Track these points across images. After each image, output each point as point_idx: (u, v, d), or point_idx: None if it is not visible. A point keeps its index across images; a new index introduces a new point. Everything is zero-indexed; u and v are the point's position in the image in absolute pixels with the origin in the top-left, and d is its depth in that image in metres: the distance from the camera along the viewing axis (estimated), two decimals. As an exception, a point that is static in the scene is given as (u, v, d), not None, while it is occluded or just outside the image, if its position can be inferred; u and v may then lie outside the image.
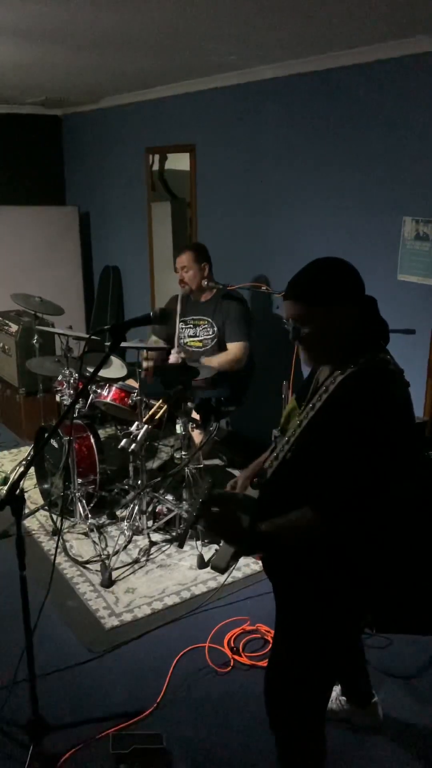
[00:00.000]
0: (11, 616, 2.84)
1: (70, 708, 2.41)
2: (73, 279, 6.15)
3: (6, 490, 2.07)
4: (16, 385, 4.75)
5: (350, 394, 1.49)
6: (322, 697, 1.77)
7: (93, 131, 6.02)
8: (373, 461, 1.43)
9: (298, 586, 1.65)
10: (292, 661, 1.71)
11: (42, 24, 2.91)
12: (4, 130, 6.09)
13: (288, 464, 1.61)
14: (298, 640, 1.69)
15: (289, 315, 1.60)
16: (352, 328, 1.56)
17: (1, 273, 5.83)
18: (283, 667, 1.74)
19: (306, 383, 1.74)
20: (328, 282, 1.56)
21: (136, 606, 2.95)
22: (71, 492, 3.54)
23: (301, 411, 1.65)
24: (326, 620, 1.64)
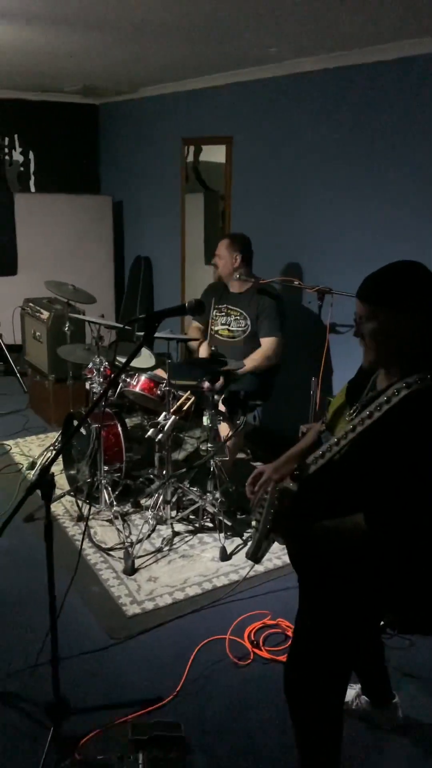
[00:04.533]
0: (35, 599, 2.89)
1: (90, 692, 2.44)
2: (104, 268, 6.19)
3: (37, 474, 2.09)
4: (46, 371, 4.80)
5: (415, 416, 1.48)
6: (340, 688, 1.78)
7: (129, 121, 6.03)
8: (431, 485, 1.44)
9: (325, 581, 1.65)
10: (312, 651, 1.71)
11: (85, 12, 2.92)
12: (42, 118, 6.14)
13: (335, 466, 1.61)
14: (319, 630, 1.70)
15: (357, 312, 1.60)
16: (417, 337, 1.54)
17: (35, 260, 5.90)
18: (304, 657, 1.75)
19: (359, 382, 1.72)
20: (397, 285, 1.54)
21: (157, 595, 2.97)
22: (97, 479, 3.58)
23: (352, 412, 1.63)
24: (348, 615, 1.65)
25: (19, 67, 4.55)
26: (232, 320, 3.88)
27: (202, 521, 3.50)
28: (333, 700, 1.76)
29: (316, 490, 1.64)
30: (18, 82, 5.41)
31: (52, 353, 4.63)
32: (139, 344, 1.99)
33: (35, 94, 6.01)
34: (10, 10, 2.92)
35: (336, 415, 1.74)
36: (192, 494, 3.45)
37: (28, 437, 4.66)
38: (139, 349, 2.01)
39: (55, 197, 5.99)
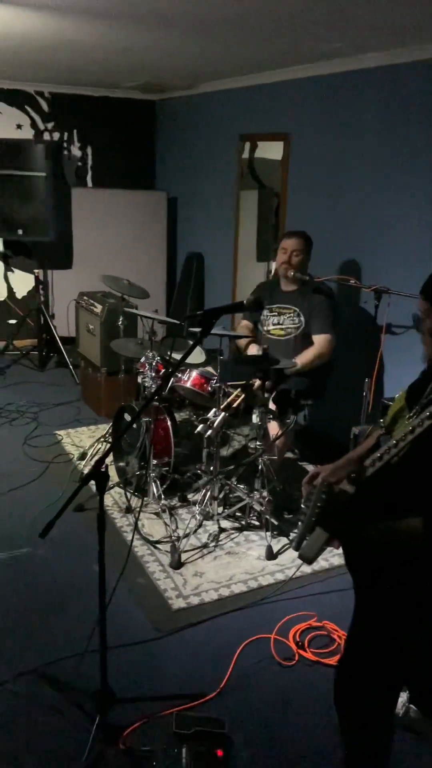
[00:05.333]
0: (83, 588, 2.95)
1: (135, 683, 2.46)
2: (157, 263, 6.24)
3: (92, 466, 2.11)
4: (98, 364, 4.87)
5: None
6: (392, 696, 1.75)
7: (186, 117, 6.05)
8: None
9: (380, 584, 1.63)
10: (365, 657, 1.69)
11: (151, 8, 2.94)
12: (101, 114, 6.22)
13: (392, 469, 1.58)
14: (372, 636, 1.67)
15: (420, 308, 1.63)
16: None
17: (90, 254, 5.99)
18: (356, 663, 1.72)
19: (420, 385, 1.69)
20: None
21: (203, 590, 2.98)
22: (146, 472, 3.61)
23: (411, 415, 1.60)
24: (403, 620, 1.62)
25: (81, 63, 4.62)
26: (285, 318, 3.86)
27: (248, 519, 3.49)
28: (384, 709, 1.73)
29: (373, 493, 1.61)
30: (79, 78, 5.49)
31: (105, 346, 4.69)
32: (197, 340, 2.00)
33: (95, 90, 6.09)
34: (75, 6, 2.97)
35: (395, 418, 1.70)
36: (239, 492, 3.45)
37: (80, 428, 4.74)
38: (197, 345, 2.01)
39: (111, 192, 6.06)
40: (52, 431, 4.65)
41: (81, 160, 6.28)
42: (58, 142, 6.01)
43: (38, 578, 3.05)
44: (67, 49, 4.06)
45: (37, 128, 6.03)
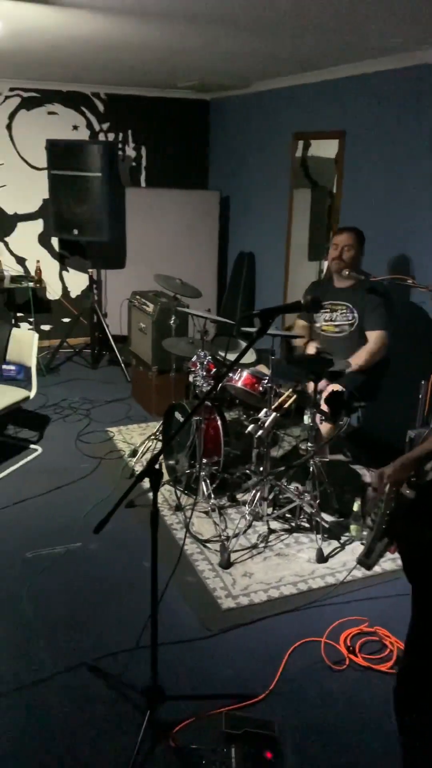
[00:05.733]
0: (134, 584, 2.98)
1: (184, 681, 2.47)
2: (208, 263, 6.25)
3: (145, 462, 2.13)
4: (149, 362, 4.91)
5: None
6: None
7: (240, 116, 6.04)
8: None
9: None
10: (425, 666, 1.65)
11: (207, 7, 2.94)
12: (155, 114, 6.27)
13: None
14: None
15: None
16: None
17: (142, 253, 6.05)
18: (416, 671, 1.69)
19: None
20: None
21: (252, 591, 2.97)
22: (196, 470, 3.62)
23: None
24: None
25: (138, 64, 4.66)
26: (337, 315, 3.81)
27: (298, 521, 3.47)
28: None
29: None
30: (135, 78, 5.54)
31: (156, 345, 4.73)
32: (253, 340, 1.99)
33: (150, 90, 6.15)
34: (135, 8, 2.99)
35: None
36: (289, 493, 3.43)
37: (130, 425, 4.79)
38: (252, 345, 2.00)
39: (163, 192, 6.11)
40: (103, 428, 4.72)
41: (135, 160, 6.35)
42: (113, 143, 6.09)
43: (90, 572, 3.10)
44: (125, 51, 4.11)
45: (92, 129, 6.13)
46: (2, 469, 4.02)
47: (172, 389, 4.50)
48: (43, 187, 5.87)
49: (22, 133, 5.90)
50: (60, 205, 5.51)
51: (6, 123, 5.84)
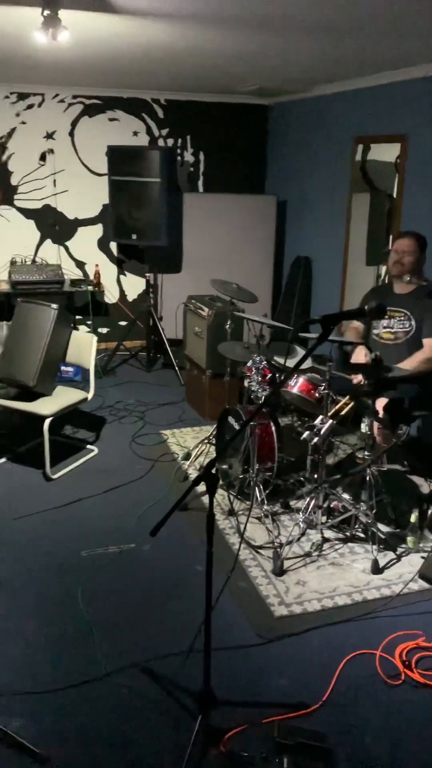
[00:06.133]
0: (186, 587, 2.99)
1: (236, 687, 2.46)
2: (264, 267, 6.24)
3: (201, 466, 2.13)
4: (203, 366, 4.93)
5: None
6: None
7: (300, 120, 6.02)
8: None
9: None
10: None
11: (270, 13, 2.94)
12: (214, 119, 6.31)
13: None
14: None
15: None
16: None
17: (198, 258, 6.09)
18: None
19: None
20: None
21: (306, 599, 2.94)
22: (249, 476, 3.61)
23: None
24: None
25: (199, 70, 4.70)
26: (395, 321, 3.74)
27: (353, 530, 3.41)
28: None
29: None
30: (196, 84, 5.59)
31: (211, 349, 4.75)
32: (313, 346, 1.96)
33: (210, 95, 6.19)
34: (198, 14, 3.02)
35: None
36: (345, 502, 3.37)
37: (184, 428, 4.82)
38: (312, 351, 1.98)
39: (221, 197, 6.13)
40: (157, 430, 4.76)
41: (193, 165, 6.40)
42: (172, 148, 6.16)
43: (143, 574, 3.12)
44: (187, 57, 4.14)
45: (152, 135, 6.21)
46: (60, 468, 4.10)
47: (226, 394, 4.51)
48: (103, 192, 5.99)
49: (83, 139, 6.02)
50: (119, 210, 5.60)
51: (69, 130, 5.98)
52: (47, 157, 5.97)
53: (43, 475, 4.00)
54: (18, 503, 3.70)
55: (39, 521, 3.53)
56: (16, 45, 3.78)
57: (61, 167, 6.03)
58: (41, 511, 3.62)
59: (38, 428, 3.93)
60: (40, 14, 2.85)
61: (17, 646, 2.63)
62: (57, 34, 2.88)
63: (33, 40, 3.14)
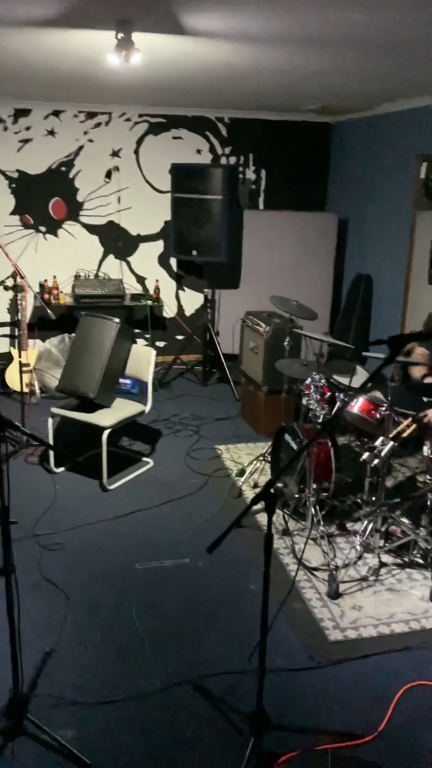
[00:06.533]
0: (239, 605, 2.97)
1: (289, 710, 2.42)
2: (322, 284, 6.20)
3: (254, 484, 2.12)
4: (259, 382, 4.92)
5: None
6: None
7: (362, 138, 5.98)
8: None
9: None
10: None
11: (337, 32, 2.94)
12: (276, 137, 6.34)
13: None
14: None
15: None
16: None
17: (257, 274, 6.10)
18: None
19: None
20: None
21: (361, 625, 2.87)
22: (305, 495, 3.57)
23: None
24: None
25: (265, 89, 4.74)
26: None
27: (412, 556, 3.32)
28: None
29: None
30: (259, 103, 5.64)
31: (268, 365, 4.74)
32: (380, 366, 1.93)
33: (273, 114, 6.23)
34: (269, 35, 3.05)
35: None
36: (404, 526, 3.29)
37: (238, 444, 4.81)
38: (380, 370, 1.95)
39: (281, 214, 6.14)
40: (212, 445, 4.77)
41: (255, 182, 6.44)
42: (234, 166, 6.21)
43: (197, 589, 3.12)
44: (253, 77, 4.19)
45: (215, 153, 6.28)
46: (117, 479, 4.15)
47: (281, 410, 4.48)
48: (165, 209, 6.09)
49: (148, 157, 6.15)
50: (181, 226, 5.68)
51: (134, 148, 6.11)
52: (112, 174, 6.12)
53: (100, 486, 4.05)
54: (76, 512, 3.76)
55: (95, 531, 3.58)
56: (89, 67, 3.90)
57: (125, 184, 6.17)
58: (97, 522, 3.67)
59: (97, 439, 3.99)
60: (114, 37, 2.94)
61: (72, 656, 2.67)
62: (130, 57, 2.96)
63: (106, 62, 3.24)
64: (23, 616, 2.23)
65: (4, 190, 5.93)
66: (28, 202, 6.00)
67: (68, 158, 6.00)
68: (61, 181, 6.03)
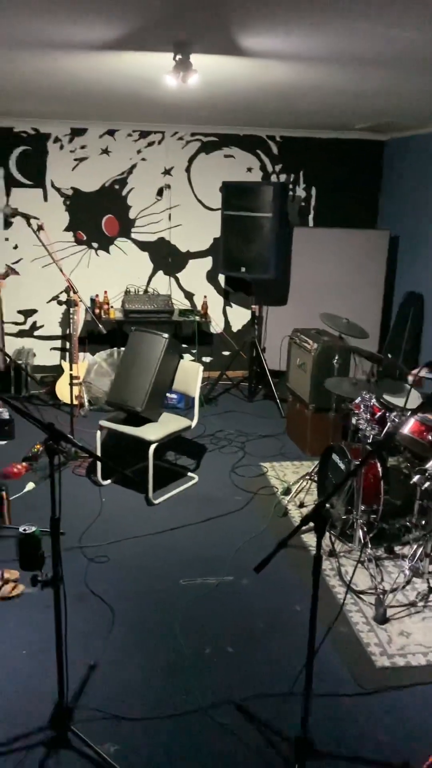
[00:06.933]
0: (284, 626, 2.93)
1: (335, 737, 2.36)
2: (372, 302, 6.13)
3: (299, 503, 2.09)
4: (306, 400, 4.88)
5: None
6: None
7: (416, 155, 5.92)
8: None
9: None
10: None
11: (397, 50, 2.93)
12: (328, 155, 6.33)
13: None
14: None
15: None
16: None
17: (305, 291, 6.09)
18: None
19: None
20: None
21: (410, 652, 2.79)
22: (352, 517, 3.51)
23: None
24: None
25: (319, 106, 4.75)
26: None
27: (462, 583, 3.22)
28: None
29: None
30: (312, 121, 5.65)
31: (315, 383, 4.70)
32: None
33: (324, 132, 6.23)
34: (321, 54, 3.06)
35: None
36: (454, 551, 3.20)
37: (284, 462, 4.77)
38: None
39: (331, 231, 6.12)
40: (257, 462, 4.75)
41: (305, 200, 6.43)
42: (284, 184, 6.23)
43: (241, 608, 3.09)
44: (309, 96, 4.20)
45: (265, 170, 6.32)
46: (162, 493, 4.17)
47: (329, 429, 4.43)
48: (214, 226, 6.14)
49: (199, 175, 6.22)
50: (230, 243, 5.71)
51: (185, 166, 6.20)
52: (164, 192, 6.21)
53: (146, 500, 4.07)
54: (121, 525, 3.78)
55: (140, 545, 3.60)
56: (146, 87, 3.98)
57: (176, 202, 6.25)
58: (143, 535, 3.68)
59: (143, 453, 4.02)
60: (172, 59, 3.00)
61: (115, 670, 2.67)
62: (187, 78, 3.01)
63: (163, 83, 3.30)
64: (68, 628, 2.24)
65: (59, 207, 6.08)
66: (81, 219, 6.14)
67: (121, 176, 6.12)
68: (113, 198, 6.16)
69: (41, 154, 5.95)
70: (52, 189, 6.05)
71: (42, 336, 6.34)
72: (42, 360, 6.35)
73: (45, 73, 3.63)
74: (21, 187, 5.99)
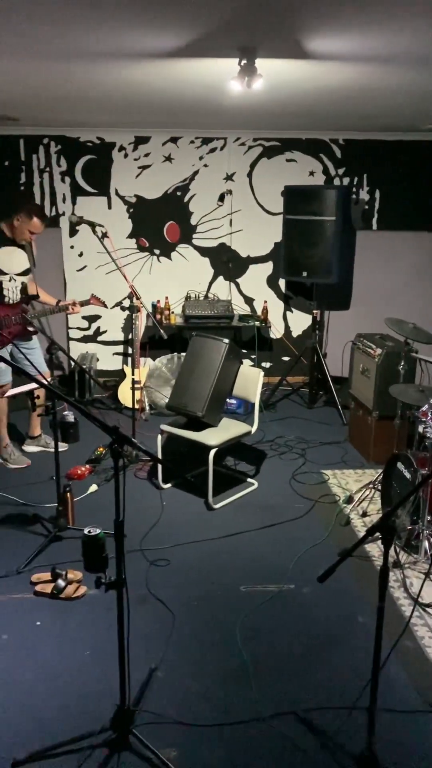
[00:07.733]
0: (346, 637, 2.87)
1: (401, 755, 2.29)
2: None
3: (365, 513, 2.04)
4: (370, 407, 4.78)
5: None
6: None
7: None
8: None
9: None
10: None
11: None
12: (392, 157, 6.20)
13: None
14: None
15: None
16: None
17: (367, 295, 5.99)
18: None
19: None
20: None
21: None
22: (418, 527, 3.41)
23: None
24: None
25: (384, 108, 4.66)
26: None
27: None
28: None
29: None
30: (375, 123, 5.56)
31: (379, 390, 4.60)
32: None
33: (388, 134, 6.11)
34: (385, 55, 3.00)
35: None
36: None
37: (346, 470, 4.68)
38: None
39: (395, 235, 6.00)
40: (318, 470, 4.68)
41: (368, 203, 6.33)
42: (347, 187, 6.14)
43: (302, 618, 3.04)
44: (376, 97, 4.13)
45: (328, 174, 6.24)
46: (221, 499, 4.16)
47: (394, 437, 4.32)
48: (275, 231, 6.12)
49: (261, 180, 6.21)
50: (292, 248, 5.67)
51: (247, 171, 6.20)
52: (225, 197, 6.23)
53: (206, 504, 4.07)
54: (182, 529, 3.79)
55: (200, 549, 3.59)
56: (211, 94, 4.01)
57: (237, 207, 6.25)
58: (203, 540, 3.68)
59: (203, 457, 4.02)
60: (237, 64, 3.00)
61: (176, 674, 2.67)
62: (252, 82, 3.01)
63: (228, 88, 3.30)
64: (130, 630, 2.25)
65: (122, 214, 6.19)
66: (144, 226, 6.23)
67: (183, 183, 6.17)
68: (175, 205, 6.22)
69: (106, 163, 6.07)
70: (116, 197, 6.16)
71: (105, 341, 6.46)
72: (105, 365, 6.46)
73: (114, 83, 3.70)
74: (86, 195, 6.13)
